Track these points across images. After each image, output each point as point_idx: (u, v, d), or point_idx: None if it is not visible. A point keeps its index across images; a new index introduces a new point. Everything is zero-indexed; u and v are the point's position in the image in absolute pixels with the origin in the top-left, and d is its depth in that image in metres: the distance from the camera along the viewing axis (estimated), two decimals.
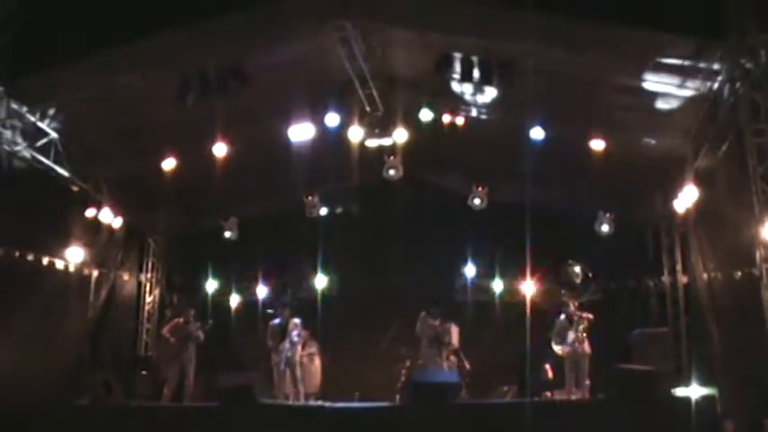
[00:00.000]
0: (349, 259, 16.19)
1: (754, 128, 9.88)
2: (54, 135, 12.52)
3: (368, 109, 13.54)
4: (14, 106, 11.56)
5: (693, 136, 11.85)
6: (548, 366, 13.43)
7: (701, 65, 10.21)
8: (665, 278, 14.89)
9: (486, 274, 16.04)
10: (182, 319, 13.59)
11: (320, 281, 16.09)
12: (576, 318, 12.45)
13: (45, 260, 13.40)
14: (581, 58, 10.66)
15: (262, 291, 16.45)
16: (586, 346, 12.35)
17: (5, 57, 10.84)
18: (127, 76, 11.41)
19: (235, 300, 16.65)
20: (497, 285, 15.93)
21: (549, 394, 12.85)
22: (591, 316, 12.53)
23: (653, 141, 12.63)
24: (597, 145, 12.51)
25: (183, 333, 13.33)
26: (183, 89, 11.47)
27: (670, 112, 11.59)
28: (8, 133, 11.66)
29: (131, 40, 11.11)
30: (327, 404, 12.13)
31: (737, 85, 9.93)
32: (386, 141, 14.30)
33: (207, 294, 16.52)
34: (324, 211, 16.38)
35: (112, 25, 11.31)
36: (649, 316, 14.83)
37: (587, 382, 12.21)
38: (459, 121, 13.41)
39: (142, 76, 11.45)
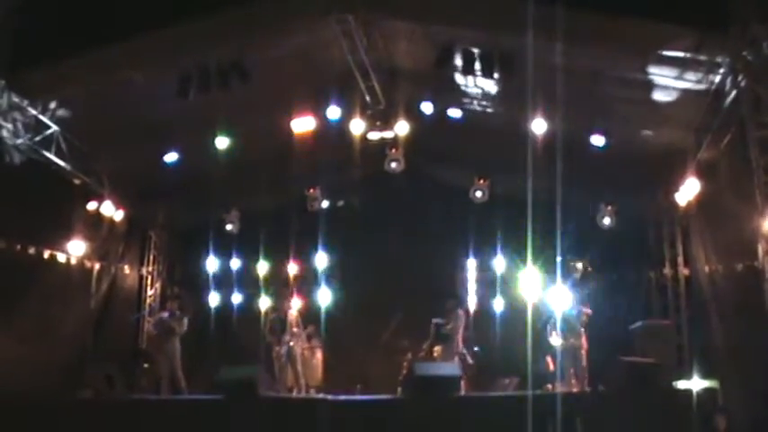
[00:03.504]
0: (350, 252, 16.17)
1: (757, 120, 9.83)
2: (55, 128, 12.48)
3: (369, 101, 13.52)
4: (16, 99, 11.51)
5: (695, 128, 11.82)
6: (549, 359, 13.44)
7: (703, 57, 10.18)
8: (667, 270, 14.85)
9: (487, 266, 16.03)
10: (166, 314, 13.45)
11: (321, 274, 16.08)
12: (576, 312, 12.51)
13: (46, 253, 13.43)
14: (583, 50, 10.63)
15: (263, 284, 16.43)
16: (583, 340, 12.40)
17: (7, 50, 10.82)
18: (128, 72, 11.41)
19: (236, 293, 16.63)
20: (498, 277, 15.91)
21: (549, 387, 12.86)
22: (590, 311, 12.57)
23: (655, 134, 12.61)
24: (599, 137, 12.50)
25: (163, 326, 13.24)
26: (184, 83, 11.47)
27: (672, 105, 11.57)
28: (9, 126, 11.64)
29: (133, 35, 11.10)
30: (329, 397, 12.13)
31: (740, 77, 9.88)
32: (387, 134, 14.30)
33: (208, 288, 16.50)
34: (325, 204, 16.38)
35: (114, 19, 11.28)
36: (651, 308, 14.83)
37: (585, 374, 12.25)
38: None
39: (143, 74, 11.45)
